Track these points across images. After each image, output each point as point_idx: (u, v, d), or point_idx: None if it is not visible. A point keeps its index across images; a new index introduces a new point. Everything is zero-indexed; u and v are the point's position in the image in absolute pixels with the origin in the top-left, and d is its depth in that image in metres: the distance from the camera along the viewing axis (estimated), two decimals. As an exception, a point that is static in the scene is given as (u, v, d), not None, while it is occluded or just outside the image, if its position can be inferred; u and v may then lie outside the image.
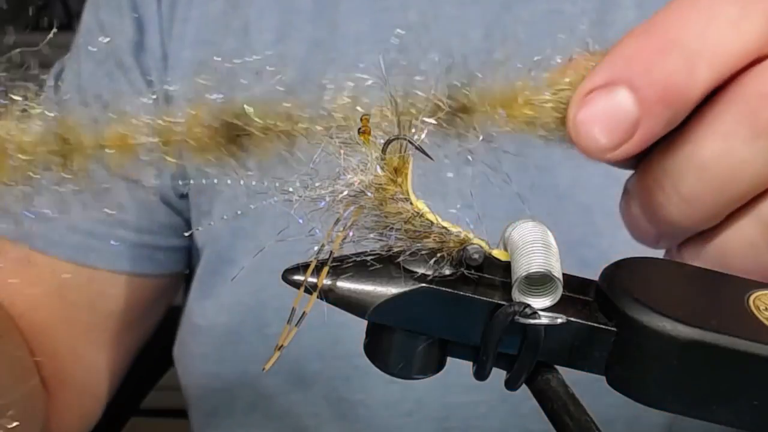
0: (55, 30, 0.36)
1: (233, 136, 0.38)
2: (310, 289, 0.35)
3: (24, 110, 0.37)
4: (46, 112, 0.37)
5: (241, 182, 0.38)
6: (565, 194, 0.71)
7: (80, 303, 0.81)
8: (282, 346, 0.35)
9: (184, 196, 0.81)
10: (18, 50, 0.38)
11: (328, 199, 0.35)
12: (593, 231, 0.71)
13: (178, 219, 0.82)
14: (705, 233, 0.39)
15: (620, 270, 0.36)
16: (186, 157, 0.38)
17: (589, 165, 0.75)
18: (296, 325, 0.35)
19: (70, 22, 0.85)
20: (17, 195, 0.37)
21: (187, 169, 0.75)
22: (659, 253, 0.42)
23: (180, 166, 0.38)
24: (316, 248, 0.35)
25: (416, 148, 0.35)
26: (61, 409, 0.79)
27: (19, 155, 0.36)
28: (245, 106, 0.37)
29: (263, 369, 0.36)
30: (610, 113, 0.36)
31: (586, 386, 0.36)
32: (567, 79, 0.38)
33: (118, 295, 0.82)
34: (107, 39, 0.79)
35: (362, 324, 0.37)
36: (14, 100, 0.37)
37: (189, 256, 0.86)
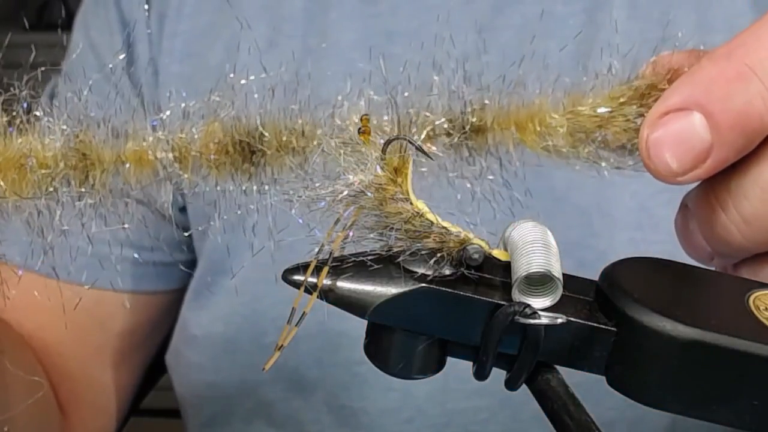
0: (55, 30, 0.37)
1: (248, 152, 0.38)
2: (310, 289, 0.35)
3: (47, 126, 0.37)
4: (66, 128, 0.37)
5: (243, 188, 0.39)
6: (562, 196, 0.71)
7: (89, 325, 0.81)
8: (282, 345, 0.35)
9: (183, 210, 0.81)
10: (43, 69, 0.39)
11: (328, 199, 0.35)
12: (590, 233, 0.71)
13: (180, 233, 0.82)
14: (764, 255, 0.38)
15: (620, 270, 0.36)
16: (201, 174, 0.38)
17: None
18: (296, 325, 0.35)
19: (70, 22, 0.85)
20: (39, 209, 0.37)
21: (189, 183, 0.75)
22: (664, 255, 0.42)
23: (192, 182, 0.38)
24: (315, 248, 0.35)
25: (416, 148, 0.35)
26: (76, 428, 0.79)
27: (40, 170, 0.36)
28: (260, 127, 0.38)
29: (263, 369, 0.36)
30: (682, 138, 0.35)
31: (586, 389, 0.36)
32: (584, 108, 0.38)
33: (127, 314, 0.82)
34: (122, 55, 0.80)
35: (361, 332, 0.37)
36: (36, 116, 0.37)
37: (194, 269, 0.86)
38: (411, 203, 0.35)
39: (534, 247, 0.34)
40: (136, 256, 0.80)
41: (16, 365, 0.71)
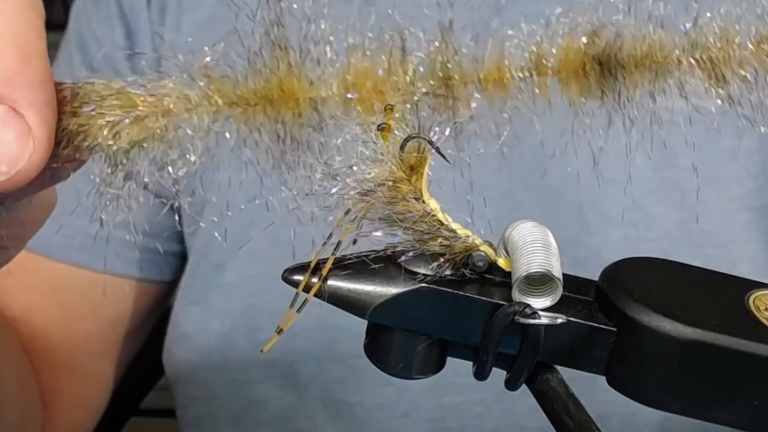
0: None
1: (605, 68, 0.36)
2: (310, 289, 0.35)
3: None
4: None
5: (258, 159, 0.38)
6: (557, 193, 0.71)
7: (80, 310, 0.80)
8: (282, 330, 0.35)
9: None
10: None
11: (341, 192, 0.35)
12: (585, 230, 0.71)
13: (176, 221, 0.82)
14: None
15: (620, 270, 0.36)
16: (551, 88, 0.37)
17: (581, 164, 0.75)
18: (298, 311, 0.35)
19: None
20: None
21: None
22: (658, 253, 0.42)
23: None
24: (314, 246, 0.35)
25: (434, 149, 0.35)
26: (54, 420, 0.78)
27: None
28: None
29: (261, 351, 0.36)
30: None
31: (580, 384, 0.36)
32: None
33: (120, 301, 0.81)
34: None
35: (358, 326, 0.37)
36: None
37: None
38: (423, 202, 0.35)
39: (534, 247, 0.34)
40: (139, 240, 0.80)
41: (4, 357, 0.70)
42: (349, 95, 0.36)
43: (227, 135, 0.36)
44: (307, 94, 0.36)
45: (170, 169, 0.36)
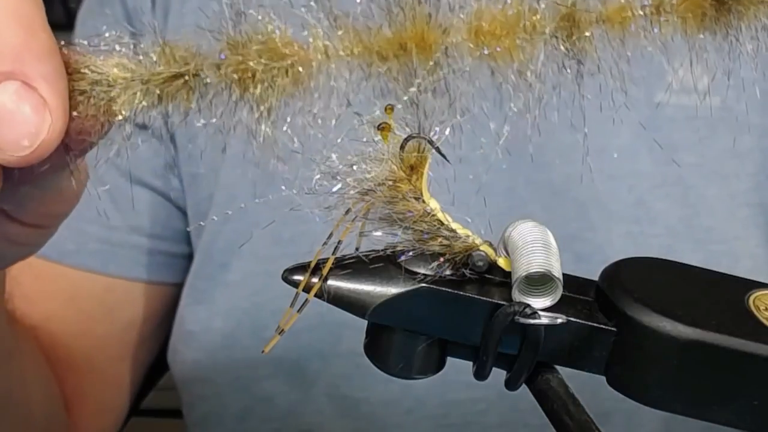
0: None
1: (723, 4, 0.36)
2: (309, 289, 0.35)
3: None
4: None
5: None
6: (560, 189, 0.71)
7: (97, 315, 0.80)
8: (283, 330, 0.35)
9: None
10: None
11: (341, 192, 0.35)
12: (588, 226, 0.71)
13: (186, 223, 0.82)
14: None
15: (620, 270, 0.36)
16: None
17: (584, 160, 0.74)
18: (298, 311, 0.35)
19: (70, 22, 0.85)
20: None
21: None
22: (658, 253, 0.42)
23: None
24: (315, 245, 0.35)
25: (434, 149, 0.35)
26: (79, 424, 0.79)
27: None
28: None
29: (263, 351, 0.36)
30: None
31: (583, 381, 0.36)
32: None
33: (136, 305, 0.81)
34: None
35: (363, 322, 0.37)
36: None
37: None
38: (423, 202, 0.35)
39: (534, 247, 0.34)
40: (148, 243, 0.80)
41: (30, 363, 0.71)
42: (480, 46, 0.35)
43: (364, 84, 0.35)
44: (440, 40, 0.35)
45: (313, 121, 0.35)
